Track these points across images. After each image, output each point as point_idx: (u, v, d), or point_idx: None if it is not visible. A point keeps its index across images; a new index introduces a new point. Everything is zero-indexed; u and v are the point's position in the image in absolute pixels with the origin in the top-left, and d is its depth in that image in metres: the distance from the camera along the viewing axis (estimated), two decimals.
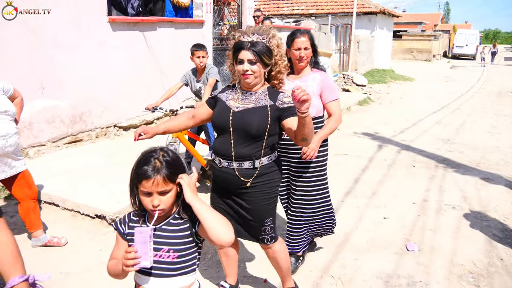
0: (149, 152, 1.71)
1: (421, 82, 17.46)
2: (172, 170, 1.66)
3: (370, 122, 9.16)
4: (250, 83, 2.43)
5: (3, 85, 3.32)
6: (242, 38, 2.38)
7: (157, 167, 1.63)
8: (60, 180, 4.66)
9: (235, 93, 2.53)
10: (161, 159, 1.67)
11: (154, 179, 1.62)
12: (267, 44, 2.36)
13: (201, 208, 1.66)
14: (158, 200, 1.65)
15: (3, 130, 3.18)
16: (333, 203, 4.62)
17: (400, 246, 3.81)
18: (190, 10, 8.15)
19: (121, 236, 1.78)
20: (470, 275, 3.37)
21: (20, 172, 3.42)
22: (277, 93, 2.47)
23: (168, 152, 1.72)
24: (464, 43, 34.69)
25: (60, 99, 5.79)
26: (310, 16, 18.19)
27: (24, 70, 5.22)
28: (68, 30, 5.77)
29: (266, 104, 2.42)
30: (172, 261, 1.70)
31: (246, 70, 2.36)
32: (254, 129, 2.36)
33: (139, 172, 1.64)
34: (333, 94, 3.12)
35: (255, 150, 2.42)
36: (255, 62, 2.35)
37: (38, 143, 5.56)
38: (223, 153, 2.46)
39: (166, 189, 1.65)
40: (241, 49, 2.36)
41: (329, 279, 3.30)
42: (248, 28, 2.42)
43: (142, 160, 1.67)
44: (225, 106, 2.49)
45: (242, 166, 2.43)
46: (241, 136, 2.40)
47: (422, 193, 5.09)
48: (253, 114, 2.40)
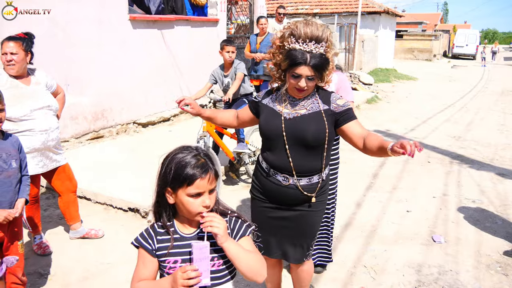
0: (180, 152, 1.56)
1: (424, 82, 17.59)
2: (214, 164, 1.57)
3: (380, 120, 9.28)
4: (303, 96, 2.22)
5: (47, 80, 3.42)
6: (297, 44, 2.06)
7: (204, 163, 1.52)
8: (88, 174, 4.75)
9: (281, 99, 2.27)
10: (201, 155, 1.55)
11: (209, 176, 1.50)
12: (327, 56, 2.10)
13: (237, 252, 1.51)
14: (210, 199, 1.52)
15: (46, 125, 3.28)
16: (355, 197, 4.82)
17: (426, 238, 3.93)
18: (206, 9, 8.26)
19: (149, 253, 1.59)
20: (498, 265, 3.49)
21: (61, 165, 3.52)
22: (328, 95, 2.25)
23: (198, 148, 1.59)
24: (464, 43, 34.84)
25: (83, 96, 5.89)
26: (315, 15, 18.30)
27: (50, 66, 5.30)
28: (91, 28, 5.88)
29: (320, 109, 2.19)
30: (217, 269, 1.57)
31: (303, 87, 2.12)
32: (311, 137, 2.15)
33: (188, 173, 1.48)
34: (349, 96, 3.00)
35: (318, 161, 2.21)
36: (314, 78, 2.11)
37: (62, 138, 5.65)
38: (281, 167, 2.22)
39: (215, 187, 1.55)
40: (299, 64, 2.06)
41: (362, 269, 3.42)
42: (303, 29, 2.07)
43: (181, 161, 1.52)
44: (273, 112, 2.25)
45: (312, 181, 2.24)
46: (297, 146, 2.17)
47: (440, 187, 5.21)
48: (308, 120, 2.17)
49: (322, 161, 2.23)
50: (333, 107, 2.20)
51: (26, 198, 2.55)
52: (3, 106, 2.36)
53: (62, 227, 3.99)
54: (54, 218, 4.15)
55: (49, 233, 3.88)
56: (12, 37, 3.17)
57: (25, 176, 2.58)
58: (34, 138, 3.21)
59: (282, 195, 2.27)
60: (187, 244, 1.55)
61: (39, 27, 5.12)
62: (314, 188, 2.25)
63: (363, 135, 2.16)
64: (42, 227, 3.69)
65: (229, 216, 1.65)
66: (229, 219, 1.64)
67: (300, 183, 2.21)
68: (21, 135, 3.14)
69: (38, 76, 3.37)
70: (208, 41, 8.06)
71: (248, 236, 1.64)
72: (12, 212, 2.41)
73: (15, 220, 2.47)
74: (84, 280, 3.21)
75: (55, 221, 4.11)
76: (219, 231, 1.47)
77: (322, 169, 2.24)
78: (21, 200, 2.51)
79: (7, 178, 2.40)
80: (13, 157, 2.45)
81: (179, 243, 1.57)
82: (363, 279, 3.28)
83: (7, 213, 2.36)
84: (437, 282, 3.23)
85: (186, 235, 1.59)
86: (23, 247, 2.61)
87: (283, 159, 2.20)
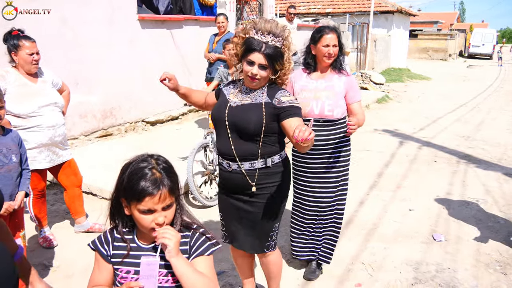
0: (140, 161, 1.44)
1: (438, 81, 17.44)
2: (173, 177, 1.44)
3: (389, 120, 9.25)
4: (256, 86, 2.31)
5: (53, 78, 3.53)
6: (256, 35, 2.20)
7: (158, 178, 1.39)
8: (95, 171, 4.86)
9: (236, 88, 2.42)
10: (158, 167, 1.42)
11: (160, 194, 1.38)
12: (281, 49, 2.23)
13: (185, 270, 1.41)
14: (163, 216, 1.41)
15: (52, 121, 3.38)
16: (358, 195, 4.84)
17: (426, 236, 3.94)
18: (214, 9, 8.34)
19: (104, 258, 1.51)
20: (497, 264, 3.49)
21: (67, 160, 3.62)
22: (276, 90, 2.32)
23: (160, 158, 1.48)
24: (480, 42, 34.37)
25: (93, 94, 6.02)
26: (327, 15, 18.28)
27: (60, 65, 5.44)
28: (101, 28, 6.00)
29: (261, 102, 2.28)
30: (170, 285, 1.47)
31: (255, 74, 2.22)
32: (249, 126, 2.24)
33: (137, 188, 1.37)
34: (357, 95, 3.07)
35: (257, 148, 2.29)
36: (266, 67, 2.21)
37: (72, 136, 5.78)
38: (224, 152, 2.35)
39: (170, 204, 1.43)
40: (253, 50, 2.19)
41: (360, 265, 3.45)
42: (264, 24, 2.21)
43: (135, 173, 1.40)
44: (224, 100, 2.39)
45: (254, 166, 2.31)
46: (238, 132, 2.28)
47: (445, 187, 5.20)
48: (247, 110, 2.28)
49: (259, 149, 2.29)
50: (275, 101, 2.26)
51: (26, 191, 2.65)
52: (2, 104, 2.45)
53: (67, 221, 4.10)
54: (61, 213, 4.27)
55: (55, 227, 3.99)
56: (30, 37, 3.28)
57: (25, 170, 2.68)
58: (42, 133, 3.32)
59: (228, 180, 2.40)
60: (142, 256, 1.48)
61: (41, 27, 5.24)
62: (254, 174, 2.31)
63: None
64: (49, 221, 3.80)
65: (193, 231, 1.54)
66: (191, 233, 1.53)
67: (243, 168, 2.31)
68: (29, 131, 3.26)
69: (44, 74, 3.47)
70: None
71: (208, 256, 1.51)
72: (12, 204, 2.51)
73: (16, 212, 2.58)
74: (86, 271, 3.28)
75: (61, 215, 4.22)
76: (170, 243, 1.38)
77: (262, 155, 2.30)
78: (21, 193, 2.61)
79: (8, 172, 2.50)
80: (13, 151, 2.54)
81: (135, 253, 1.49)
82: (360, 275, 3.31)
83: (8, 205, 2.47)
84: (433, 280, 3.24)
85: (144, 245, 1.50)
86: (25, 238, 2.71)
87: (226, 145, 2.32)
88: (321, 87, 2.98)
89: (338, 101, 2.97)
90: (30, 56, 3.22)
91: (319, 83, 3.00)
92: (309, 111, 2.94)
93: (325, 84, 2.99)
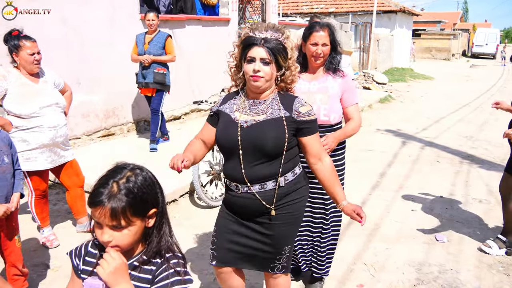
0: (115, 169, 1.34)
1: (441, 81, 17.39)
2: (132, 202, 1.27)
3: (392, 120, 9.23)
4: (260, 87, 2.01)
5: (55, 78, 3.53)
6: (253, 34, 1.99)
7: (112, 193, 1.25)
8: (98, 171, 4.80)
9: (240, 103, 2.12)
10: (122, 183, 1.28)
11: (100, 209, 1.24)
12: (283, 44, 2.00)
13: None
14: (109, 235, 1.27)
15: (54, 121, 3.38)
16: (360, 195, 4.82)
17: (429, 237, 3.92)
18: (217, 9, 8.33)
19: (75, 272, 1.43)
20: (500, 265, 3.47)
21: (68, 161, 3.62)
22: (291, 100, 2.08)
23: (139, 175, 1.33)
24: (484, 42, 34.28)
25: (95, 94, 6.02)
26: (330, 14, 18.25)
27: (62, 65, 5.44)
28: (102, 27, 6.00)
29: (281, 116, 2.03)
30: None
31: (257, 70, 1.95)
32: (269, 146, 1.99)
33: (91, 193, 1.28)
34: (354, 98, 2.83)
35: (273, 168, 2.05)
36: (269, 62, 1.96)
37: (74, 136, 5.79)
38: (233, 177, 2.09)
39: (117, 224, 1.26)
40: (253, 45, 1.96)
41: (361, 266, 3.44)
42: (261, 24, 2.04)
43: (101, 178, 1.31)
44: (230, 121, 2.08)
45: (265, 188, 2.06)
46: (253, 154, 2.02)
47: (448, 187, 5.18)
48: (266, 128, 2.01)
49: (278, 169, 2.05)
50: (294, 114, 2.04)
51: (21, 192, 2.63)
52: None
53: (70, 221, 4.10)
54: (63, 213, 4.27)
55: (57, 227, 3.99)
56: (31, 37, 3.27)
57: (18, 170, 2.65)
58: (43, 134, 3.32)
59: (238, 205, 2.13)
60: None
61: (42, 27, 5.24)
62: (270, 196, 2.06)
63: (318, 156, 2.12)
64: (51, 221, 3.81)
65: (163, 260, 1.38)
66: (160, 263, 1.37)
67: (253, 190, 2.05)
68: (30, 132, 3.26)
69: (46, 74, 3.47)
70: (219, 41, 8.12)
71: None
72: (10, 207, 2.49)
73: (12, 214, 2.56)
74: None
75: (63, 215, 4.23)
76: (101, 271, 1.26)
77: (278, 175, 2.06)
78: (16, 195, 2.59)
79: (2, 174, 2.48)
80: (5, 152, 2.52)
81: None
82: (362, 276, 3.30)
83: (6, 208, 2.44)
84: (436, 281, 3.23)
85: None
86: (20, 241, 2.71)
87: (237, 169, 2.05)
88: (314, 89, 2.76)
89: (333, 104, 2.74)
90: (31, 56, 3.22)
91: (312, 85, 2.77)
92: None
93: (318, 85, 2.76)
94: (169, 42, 5.68)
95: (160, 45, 5.61)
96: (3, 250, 2.60)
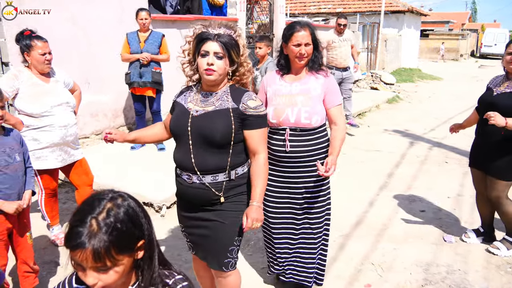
0: (91, 201, 1.17)
1: (449, 82, 17.29)
2: (117, 239, 1.11)
3: (399, 120, 9.20)
4: (214, 80, 2.09)
5: (65, 78, 3.56)
6: (207, 30, 2.06)
7: (92, 233, 1.09)
8: (106, 170, 4.91)
9: (193, 95, 2.21)
10: (102, 219, 1.11)
11: (80, 252, 1.09)
12: (235, 39, 2.08)
13: None
14: (94, 277, 1.12)
15: (64, 120, 3.41)
16: (368, 196, 4.82)
17: (437, 237, 3.91)
18: (224, 9, 8.36)
19: None
20: (508, 266, 3.45)
21: (78, 160, 3.65)
22: (241, 93, 2.15)
23: (120, 206, 1.16)
24: (492, 42, 34.00)
25: (104, 94, 6.07)
26: (337, 14, 18.21)
27: (72, 65, 5.49)
28: (111, 27, 6.05)
29: (228, 107, 2.10)
30: None
31: (211, 63, 2.02)
32: (216, 135, 2.06)
33: (67, 233, 1.13)
34: (337, 98, 2.73)
35: (222, 159, 2.12)
36: (222, 56, 2.03)
37: (83, 135, 5.84)
38: (183, 165, 2.16)
39: (102, 266, 1.11)
40: (207, 39, 2.03)
41: (369, 266, 3.44)
42: (214, 21, 2.12)
43: (77, 214, 1.15)
44: (183, 110, 2.18)
45: (217, 180, 2.12)
46: (202, 144, 2.09)
47: (456, 188, 5.16)
48: (214, 118, 2.09)
49: (227, 161, 2.13)
50: (242, 107, 2.11)
51: (32, 189, 2.68)
52: (3, 104, 2.47)
53: None
54: (72, 211, 4.27)
55: (66, 225, 4.02)
56: (42, 37, 3.30)
57: (29, 168, 2.70)
58: (54, 133, 3.35)
59: (189, 195, 2.19)
60: None
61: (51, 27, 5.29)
62: (220, 187, 2.13)
63: (254, 152, 2.18)
64: (60, 219, 3.85)
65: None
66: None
67: (204, 180, 2.12)
68: (41, 131, 3.29)
69: (57, 73, 3.50)
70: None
71: None
72: (21, 204, 2.54)
73: (24, 211, 2.61)
74: None
75: (72, 213, 4.26)
76: None
77: (227, 168, 2.13)
78: (28, 192, 2.64)
79: (14, 172, 2.53)
80: (17, 151, 2.57)
81: None
82: (370, 276, 3.30)
83: (17, 205, 2.50)
84: (444, 281, 3.22)
85: None
86: (32, 238, 2.75)
87: (186, 157, 2.12)
88: (295, 91, 2.68)
89: (315, 106, 2.64)
90: (42, 56, 3.25)
91: (294, 87, 2.69)
92: (283, 119, 2.64)
93: (300, 87, 2.68)
94: (165, 42, 5.68)
95: (157, 44, 5.58)
96: (15, 246, 2.64)
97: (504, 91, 3.40)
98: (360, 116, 9.16)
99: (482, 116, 3.46)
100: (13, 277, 3.10)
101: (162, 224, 4.02)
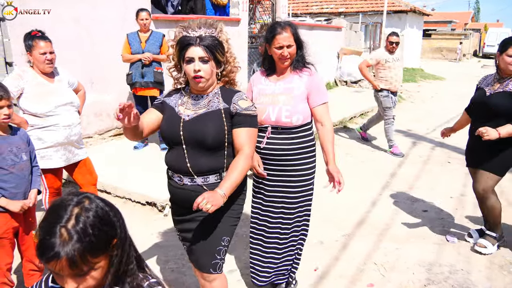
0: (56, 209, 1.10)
1: (452, 82, 17.26)
2: (90, 244, 1.07)
3: (402, 120, 9.17)
4: (203, 87, 2.09)
5: (69, 78, 3.58)
6: (187, 33, 2.02)
7: (63, 242, 1.05)
8: (110, 169, 4.93)
9: (184, 98, 2.18)
10: (71, 227, 1.06)
11: (55, 262, 1.05)
12: (218, 38, 2.05)
13: None
14: (73, 283, 1.10)
15: (69, 120, 3.43)
16: (370, 196, 4.83)
17: (439, 237, 3.92)
18: (228, 8, 8.38)
19: None
20: (511, 266, 3.46)
21: (82, 159, 3.67)
22: (232, 94, 2.14)
23: (89, 210, 1.10)
24: (495, 42, 33.85)
25: (107, 93, 6.10)
26: (340, 14, 18.21)
27: (76, 65, 5.51)
28: (115, 27, 6.07)
29: (220, 108, 2.09)
30: None
31: (198, 69, 2.00)
32: (209, 138, 2.05)
33: (38, 245, 1.08)
34: (322, 97, 2.68)
35: (217, 161, 2.11)
36: (208, 60, 2.01)
37: (87, 135, 5.86)
38: (177, 168, 2.13)
39: (79, 272, 1.09)
40: (189, 45, 1.99)
41: (372, 266, 3.45)
42: (192, 22, 2.07)
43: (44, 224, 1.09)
44: (174, 114, 2.15)
45: (208, 181, 2.11)
46: (195, 147, 2.08)
47: (459, 188, 5.16)
48: (206, 121, 2.07)
49: (223, 162, 2.12)
50: (233, 107, 2.10)
51: (38, 188, 2.71)
52: (10, 103, 2.49)
53: None
54: None
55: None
56: (45, 36, 3.32)
57: (35, 167, 2.73)
58: (58, 133, 3.37)
59: (179, 196, 2.19)
60: None
61: (55, 26, 5.31)
62: (211, 188, 2.08)
63: (238, 148, 2.10)
64: None
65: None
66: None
67: (195, 182, 2.10)
68: (46, 130, 3.31)
69: (61, 73, 3.52)
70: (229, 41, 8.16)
71: None
72: (27, 202, 2.57)
73: (30, 210, 2.63)
74: None
75: None
76: None
77: (224, 169, 2.13)
78: (34, 191, 2.67)
79: (20, 171, 2.55)
80: (23, 150, 2.60)
81: None
82: (373, 276, 3.31)
83: (23, 203, 2.53)
84: (446, 281, 3.23)
85: None
86: None
87: (180, 160, 2.10)
88: (278, 90, 2.68)
89: (297, 105, 2.63)
90: (42, 56, 3.26)
91: (278, 86, 2.69)
92: (265, 118, 2.65)
93: (283, 86, 2.68)
94: (165, 42, 5.68)
95: (158, 44, 5.58)
96: (21, 245, 2.67)
97: (497, 91, 3.40)
98: (362, 116, 9.16)
99: (475, 116, 3.49)
100: (18, 275, 3.12)
101: (165, 223, 4.04)
